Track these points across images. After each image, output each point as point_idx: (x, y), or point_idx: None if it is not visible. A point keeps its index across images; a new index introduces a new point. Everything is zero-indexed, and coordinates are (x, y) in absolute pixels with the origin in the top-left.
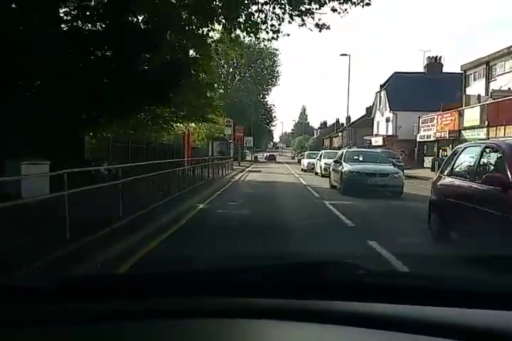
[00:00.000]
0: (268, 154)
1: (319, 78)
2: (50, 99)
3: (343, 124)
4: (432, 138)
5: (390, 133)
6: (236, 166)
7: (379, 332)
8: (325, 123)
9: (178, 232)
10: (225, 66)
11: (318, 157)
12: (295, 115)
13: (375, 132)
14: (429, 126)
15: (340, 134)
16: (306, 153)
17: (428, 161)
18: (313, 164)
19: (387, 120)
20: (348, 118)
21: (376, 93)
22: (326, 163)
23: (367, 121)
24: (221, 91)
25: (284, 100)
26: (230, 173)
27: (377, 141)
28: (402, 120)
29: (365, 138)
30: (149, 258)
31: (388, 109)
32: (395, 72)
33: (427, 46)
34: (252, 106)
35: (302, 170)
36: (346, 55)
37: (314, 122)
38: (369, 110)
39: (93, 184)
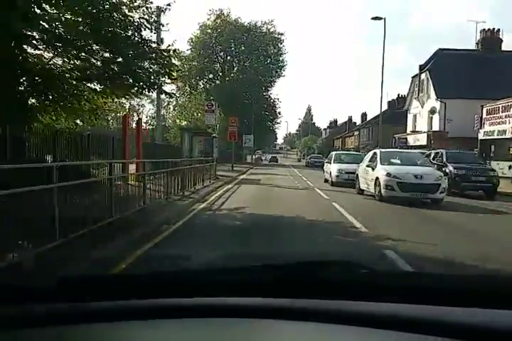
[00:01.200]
0: (271, 156)
1: (325, 75)
2: None
3: (355, 123)
4: (507, 135)
5: (436, 128)
6: (226, 172)
7: (380, 331)
8: (335, 121)
9: None
10: (221, 53)
11: (367, 161)
12: (300, 115)
13: (410, 128)
14: (501, 117)
15: (356, 133)
16: (334, 154)
17: (499, 167)
18: (350, 173)
19: (432, 111)
20: (364, 114)
21: (413, 77)
22: (391, 175)
23: (392, 116)
24: (217, 82)
25: (289, 99)
26: (207, 186)
27: (418, 139)
28: (452, 111)
29: (396, 136)
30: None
31: (434, 97)
32: (440, 49)
33: (481, 16)
34: (253, 100)
35: (326, 181)
36: (380, 18)
37: (321, 122)
38: (392, 104)
39: None
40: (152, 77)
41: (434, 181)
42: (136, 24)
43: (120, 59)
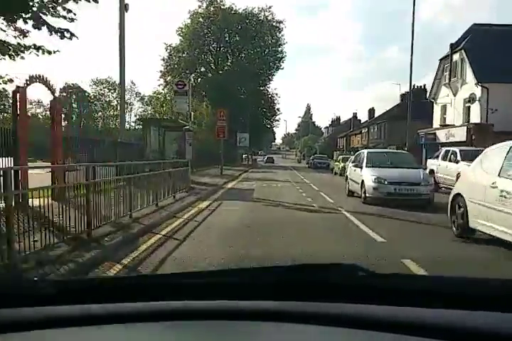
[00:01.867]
0: (266, 156)
1: (324, 74)
2: None
3: (360, 121)
4: None
5: (476, 120)
6: (213, 177)
7: (380, 334)
8: (338, 119)
9: None
10: (214, 43)
11: (496, 168)
12: (299, 114)
13: (437, 122)
14: None
15: (364, 131)
16: (366, 153)
17: None
18: (397, 184)
19: (471, 99)
20: (372, 110)
21: (441, 60)
22: None
23: (407, 110)
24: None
25: (287, 98)
26: (164, 207)
27: (453, 134)
28: (496, 99)
29: (422, 131)
30: None
31: (472, 81)
32: (475, 24)
33: None
34: (249, 96)
35: (351, 193)
36: None
37: (320, 122)
38: (407, 97)
39: None
40: None
41: None
42: None
43: None
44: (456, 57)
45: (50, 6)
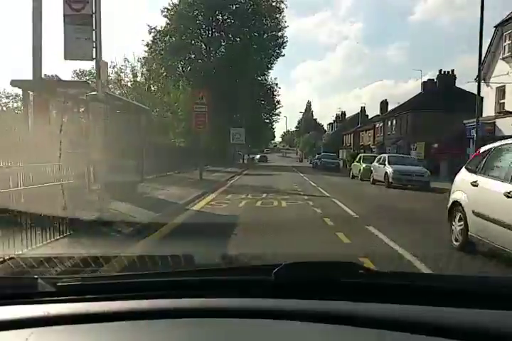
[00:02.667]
0: (259, 155)
1: (323, 71)
2: None
3: (368, 116)
4: None
5: None
6: (185, 186)
7: (379, 332)
8: (343, 114)
9: None
10: (205, 26)
11: None
12: (300, 111)
13: (490, 109)
14: None
15: (378, 125)
16: None
17: None
18: None
19: None
20: (385, 102)
21: (497, 26)
22: None
23: (432, 100)
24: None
25: (287, 94)
26: None
27: None
28: None
29: (469, 122)
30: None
31: None
32: None
33: None
34: (245, 86)
35: (474, 247)
36: None
37: (321, 119)
38: (430, 85)
39: None
40: None
41: None
42: None
43: None
44: None
45: None
